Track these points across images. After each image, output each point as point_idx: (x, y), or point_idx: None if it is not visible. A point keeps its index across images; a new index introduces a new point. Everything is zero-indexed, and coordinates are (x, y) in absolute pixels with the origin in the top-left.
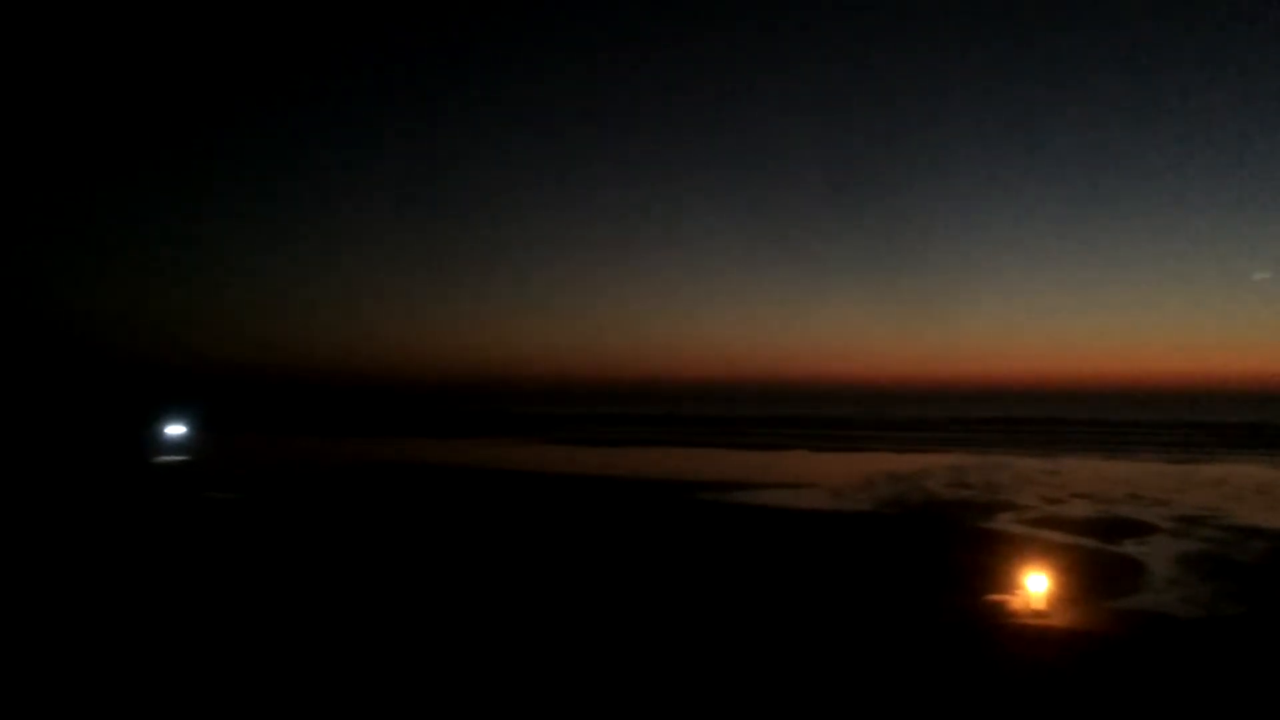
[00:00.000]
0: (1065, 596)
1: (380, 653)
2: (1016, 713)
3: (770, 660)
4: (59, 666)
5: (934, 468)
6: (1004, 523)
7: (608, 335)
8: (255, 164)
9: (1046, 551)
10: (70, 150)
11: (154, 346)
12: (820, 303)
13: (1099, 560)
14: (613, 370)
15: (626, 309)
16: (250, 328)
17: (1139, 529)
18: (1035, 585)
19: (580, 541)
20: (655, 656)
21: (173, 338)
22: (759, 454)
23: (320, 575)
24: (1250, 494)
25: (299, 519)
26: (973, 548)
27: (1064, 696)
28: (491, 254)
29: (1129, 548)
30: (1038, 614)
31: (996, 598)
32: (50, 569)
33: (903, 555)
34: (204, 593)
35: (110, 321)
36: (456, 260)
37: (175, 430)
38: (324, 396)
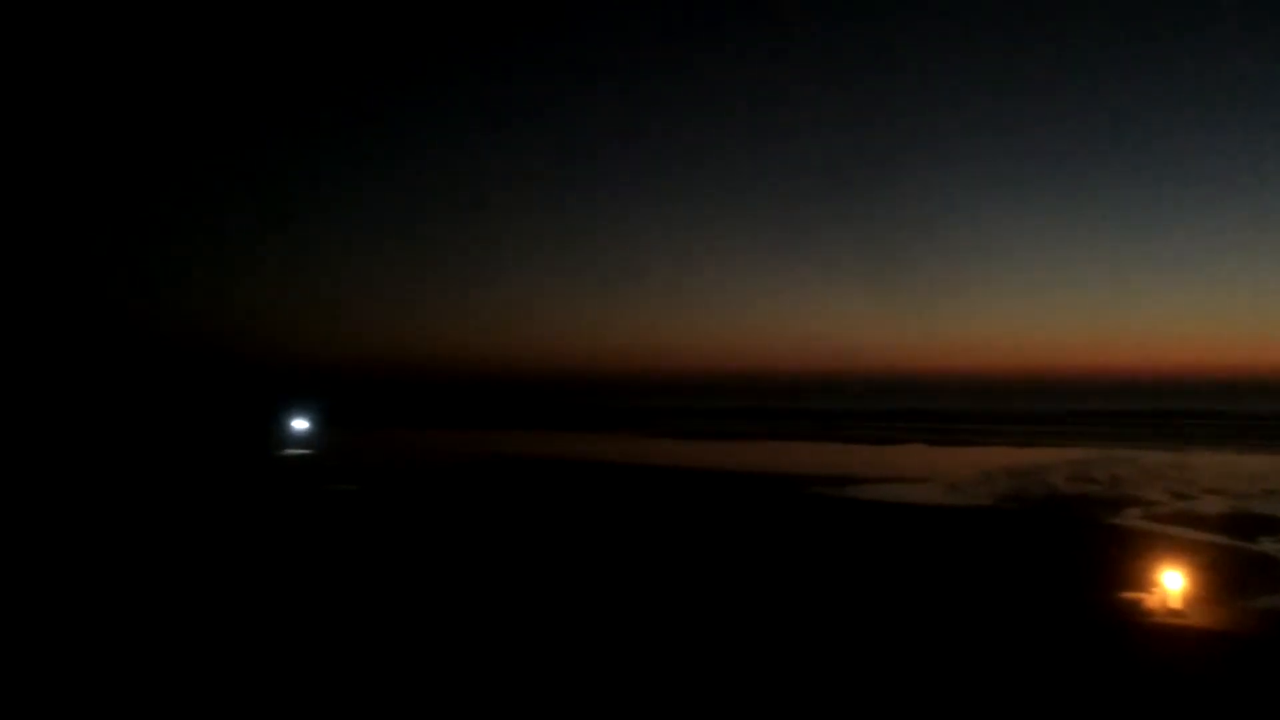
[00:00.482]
0: (1202, 595)
1: (496, 640)
2: (1159, 713)
3: (909, 657)
4: (194, 644)
5: (1055, 462)
6: (1132, 519)
7: (717, 328)
8: (369, 159)
9: (1179, 548)
10: (188, 151)
11: (279, 344)
12: (927, 294)
13: (1236, 558)
14: (721, 363)
15: (736, 300)
16: (368, 324)
17: (1277, 526)
18: (1171, 583)
19: (697, 537)
20: (794, 657)
21: (296, 335)
22: (874, 448)
23: (434, 565)
24: None
25: (415, 510)
26: (1101, 544)
27: (1206, 697)
28: (595, 247)
29: (1266, 545)
30: (1175, 613)
31: (1131, 595)
32: (180, 557)
33: (1029, 552)
34: (322, 581)
35: (237, 320)
36: (561, 254)
37: (299, 425)
38: (437, 391)
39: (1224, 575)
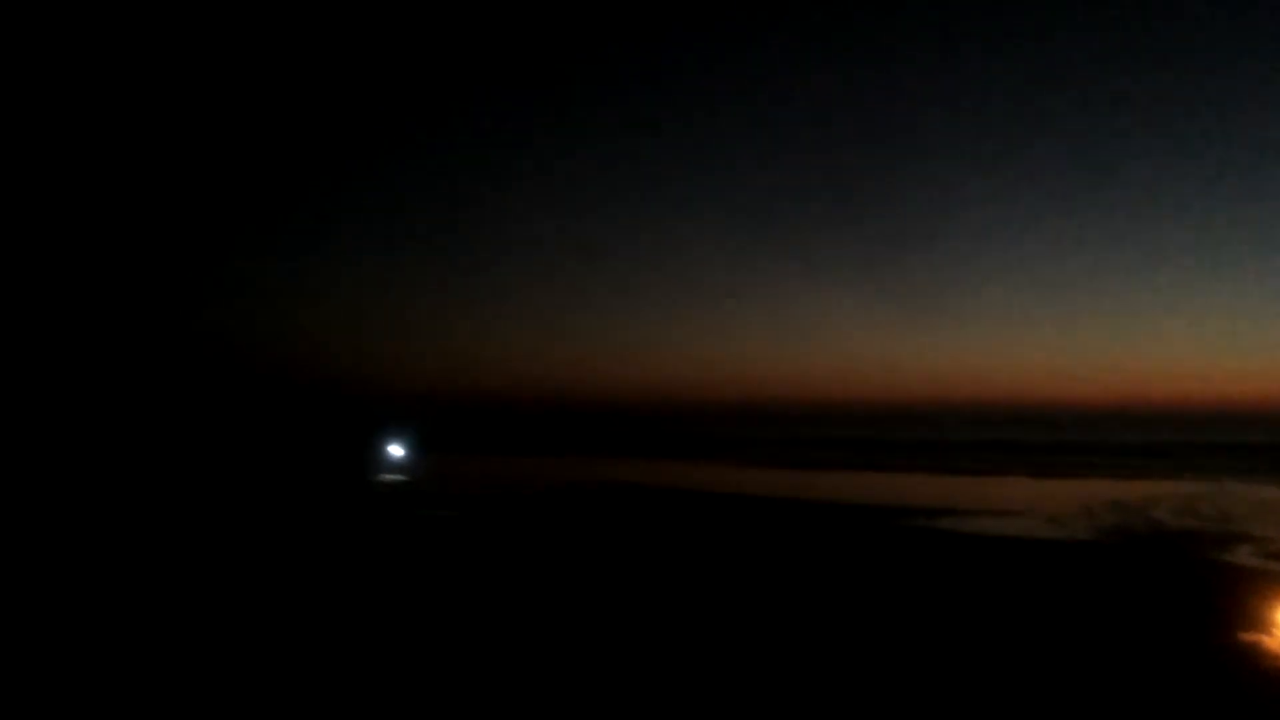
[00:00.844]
0: None
1: (580, 670)
2: None
3: (1025, 699)
4: (292, 669)
5: (1161, 496)
6: (1246, 556)
7: (807, 355)
8: (455, 189)
9: None
10: (282, 185)
11: (375, 371)
12: (1017, 324)
13: None
14: (813, 392)
15: (835, 330)
16: (463, 350)
17: None
18: None
19: (794, 570)
20: (895, 702)
21: (391, 361)
22: (972, 479)
23: (529, 594)
24: None
25: (510, 537)
26: (1214, 583)
27: None
28: (686, 277)
29: None
30: None
31: (1250, 637)
32: (280, 579)
33: (1138, 589)
34: (419, 609)
35: (334, 348)
36: (655, 283)
37: (395, 451)
38: (531, 417)
39: None
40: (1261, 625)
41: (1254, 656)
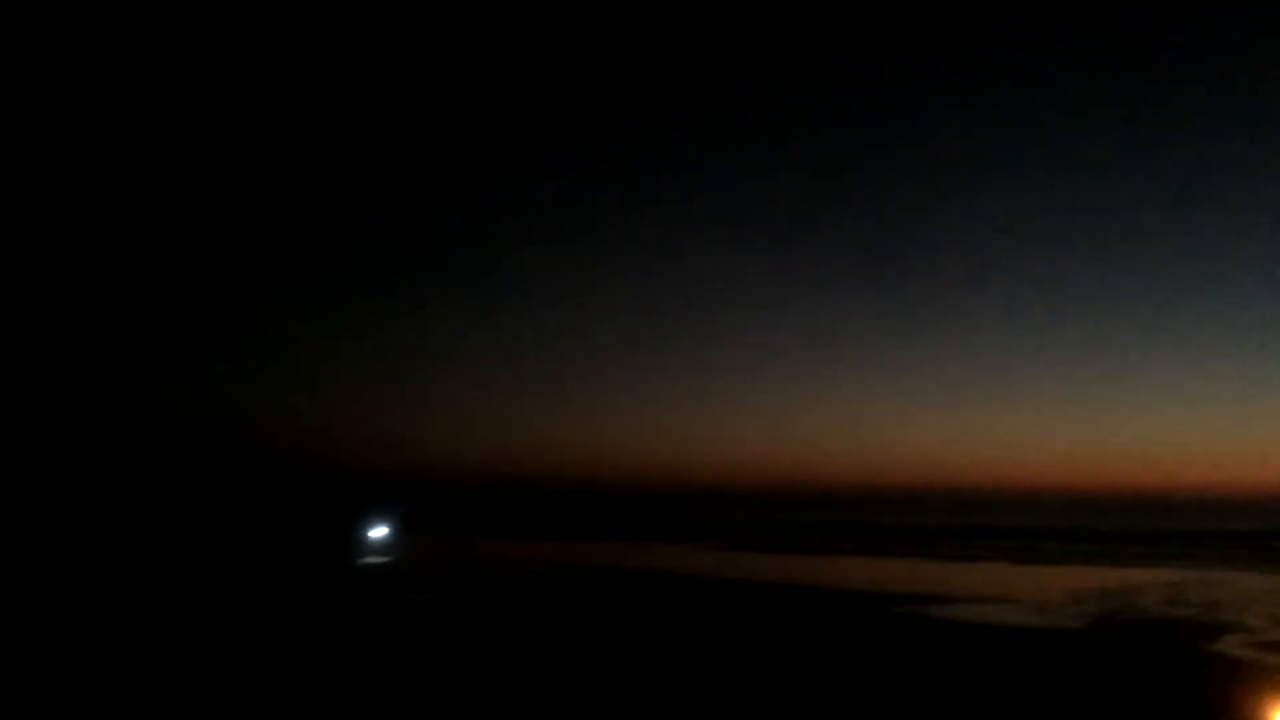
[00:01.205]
0: None
1: None
2: None
3: None
4: None
5: (1146, 583)
6: (1234, 646)
7: (802, 441)
8: (441, 266)
9: None
10: (261, 260)
11: (359, 450)
12: (1002, 407)
13: None
14: (796, 475)
15: (814, 413)
16: (450, 430)
17: None
18: None
19: (771, 656)
20: None
21: (376, 441)
22: (955, 565)
23: (508, 679)
24: None
25: (491, 621)
26: (1202, 674)
27: None
28: (665, 357)
29: None
30: None
31: None
32: (257, 665)
33: (1127, 680)
34: (396, 691)
35: (318, 426)
36: (637, 365)
37: (378, 532)
38: (520, 498)
39: None
40: (1245, 717)
41: None
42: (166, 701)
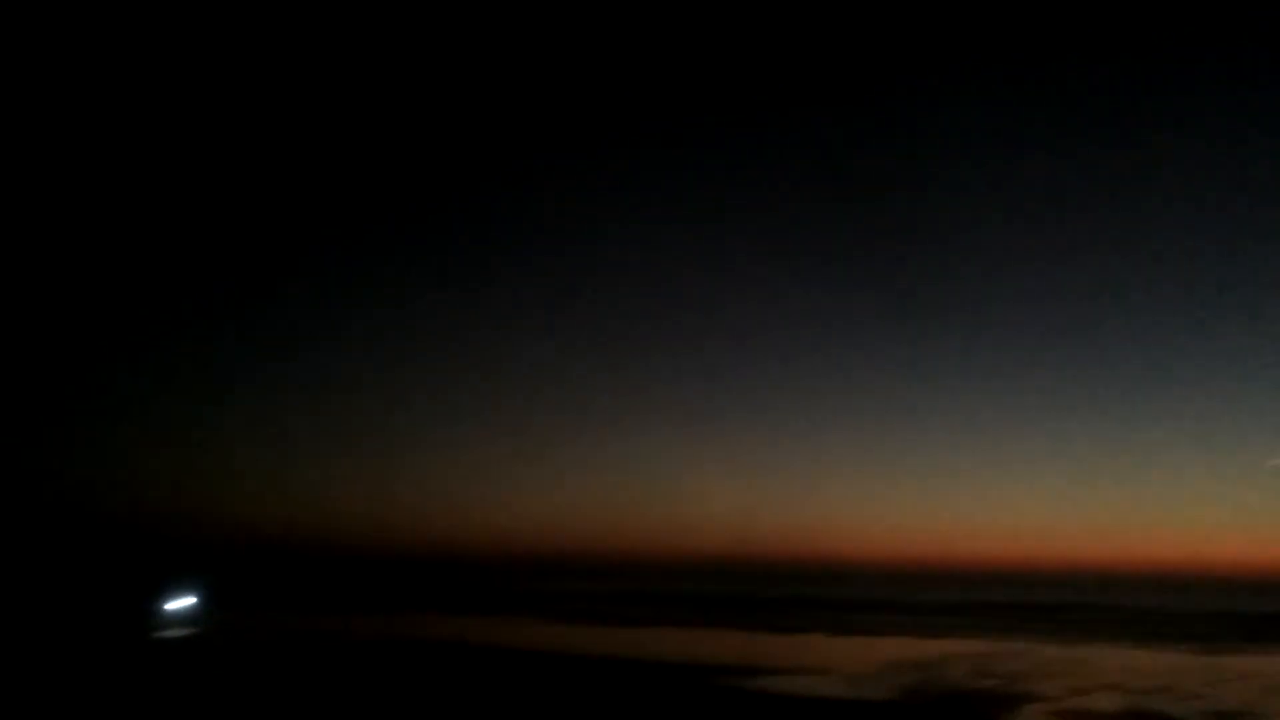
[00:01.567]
0: None
1: None
2: None
3: None
4: None
5: (953, 654)
6: (1031, 715)
7: (610, 508)
8: (271, 325)
9: None
10: (72, 325)
11: (163, 514)
12: (825, 479)
13: None
14: (618, 544)
15: (634, 480)
16: (272, 496)
17: None
18: None
19: None
20: None
21: (186, 504)
22: (774, 636)
23: None
24: None
25: (306, 703)
26: None
27: None
28: (499, 424)
29: None
30: None
31: None
32: None
33: None
34: None
35: (115, 487)
36: (465, 430)
37: (182, 603)
38: (337, 568)
39: None
40: None
41: None
42: None
